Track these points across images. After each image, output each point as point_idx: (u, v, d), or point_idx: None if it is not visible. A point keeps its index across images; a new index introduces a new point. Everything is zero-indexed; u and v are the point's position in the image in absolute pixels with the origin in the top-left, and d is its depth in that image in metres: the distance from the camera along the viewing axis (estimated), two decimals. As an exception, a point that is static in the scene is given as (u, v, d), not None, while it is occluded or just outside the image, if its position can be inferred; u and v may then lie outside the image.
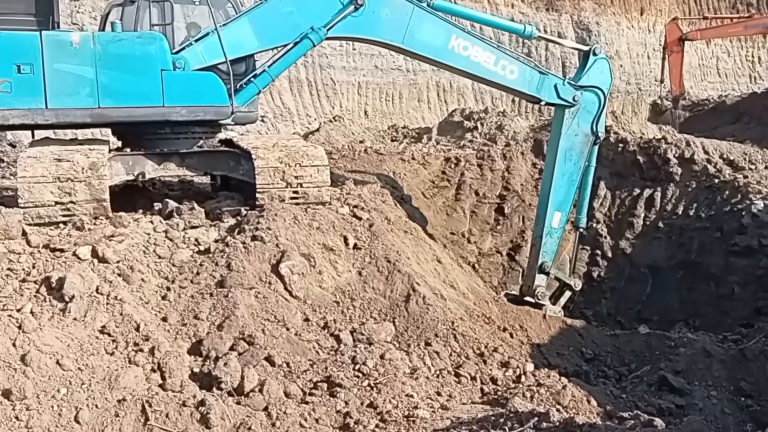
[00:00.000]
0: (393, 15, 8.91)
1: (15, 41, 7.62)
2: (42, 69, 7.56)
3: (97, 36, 7.97)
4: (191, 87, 8.22)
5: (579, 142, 10.02)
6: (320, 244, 7.61)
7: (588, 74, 9.88)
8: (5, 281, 6.35)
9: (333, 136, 16.75)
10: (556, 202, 10.13)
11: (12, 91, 7.49)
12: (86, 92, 7.75)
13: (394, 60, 28.49)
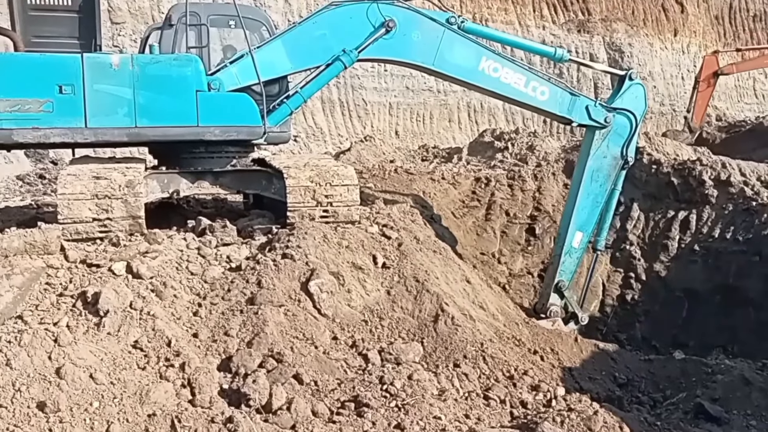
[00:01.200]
0: (424, 37, 9.05)
1: (58, 63, 7.89)
2: (83, 90, 7.82)
3: (136, 58, 8.21)
4: (225, 108, 8.40)
5: (607, 164, 10.01)
6: (349, 262, 7.65)
7: (622, 98, 9.91)
8: (43, 295, 6.50)
9: (364, 156, 16.87)
10: (578, 221, 10.14)
11: (54, 110, 7.74)
12: (124, 112, 7.97)
13: (425, 81, 28.65)
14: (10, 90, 7.62)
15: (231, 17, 8.94)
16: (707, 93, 25.17)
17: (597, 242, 10.50)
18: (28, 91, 7.69)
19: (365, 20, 8.83)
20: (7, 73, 7.66)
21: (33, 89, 7.70)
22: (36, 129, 7.72)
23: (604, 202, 10.19)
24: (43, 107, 7.70)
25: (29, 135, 7.75)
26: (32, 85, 7.71)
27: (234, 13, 8.79)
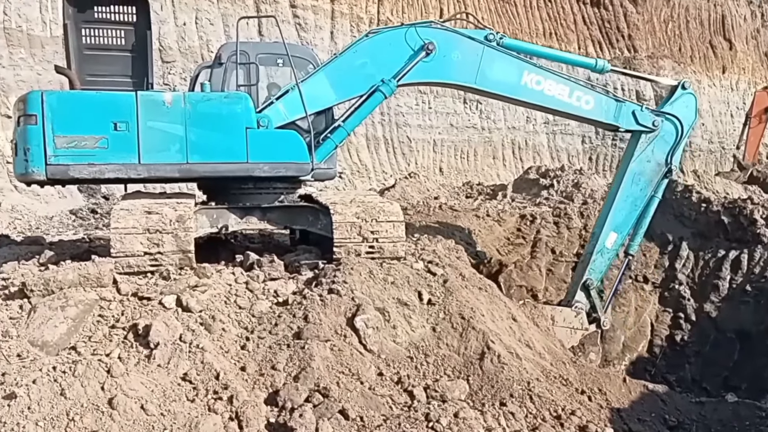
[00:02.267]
0: (464, 57, 9.19)
1: (113, 101, 8.16)
2: (137, 126, 8.04)
3: (188, 96, 8.43)
4: (274, 144, 8.56)
5: (650, 169, 10.08)
6: (395, 298, 7.66)
7: (672, 105, 10.06)
8: (96, 327, 6.65)
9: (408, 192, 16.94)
10: (614, 222, 10.17)
11: (108, 147, 7.97)
12: (176, 148, 8.17)
13: (469, 118, 28.80)
14: (67, 127, 7.88)
15: (279, 56, 9.17)
16: (759, 129, 24.67)
17: (630, 246, 10.47)
18: (84, 127, 7.93)
19: (404, 45, 9.00)
20: (65, 111, 7.93)
21: (89, 126, 7.95)
22: (91, 165, 7.95)
23: (642, 207, 10.17)
24: (99, 143, 7.94)
25: (85, 171, 7.99)
26: (88, 122, 7.97)
27: (282, 52, 9.01)
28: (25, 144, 7.87)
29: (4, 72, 17.74)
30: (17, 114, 8.17)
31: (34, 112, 7.80)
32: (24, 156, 7.88)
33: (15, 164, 8.40)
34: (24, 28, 18.17)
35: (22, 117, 7.96)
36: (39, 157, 7.82)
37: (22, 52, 18.06)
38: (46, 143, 7.81)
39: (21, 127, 7.99)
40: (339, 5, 24.99)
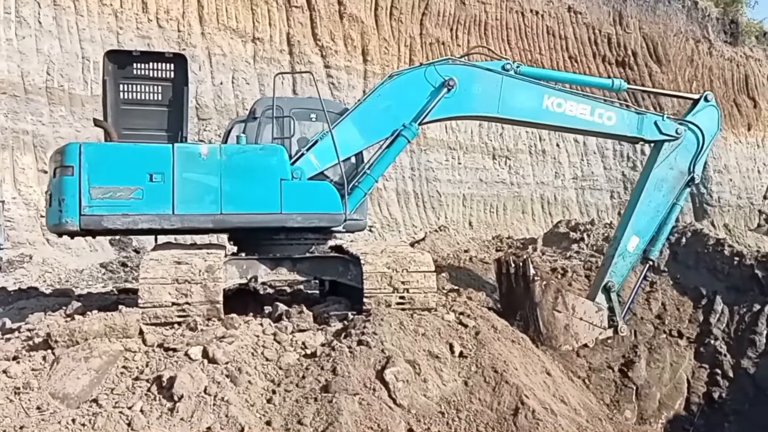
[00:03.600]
0: (484, 89, 9.38)
1: (150, 152, 8.26)
2: (172, 178, 8.09)
3: (224, 148, 8.52)
4: (308, 195, 8.60)
5: (673, 176, 10.30)
6: (426, 350, 7.43)
7: (695, 115, 10.31)
8: (119, 379, 6.52)
9: (438, 246, 16.77)
10: (636, 226, 10.33)
11: (143, 197, 8.01)
12: (210, 199, 8.19)
13: (498, 173, 28.78)
14: (103, 178, 7.95)
15: (312, 110, 9.27)
16: None
17: (650, 252, 10.54)
18: (120, 178, 8.00)
19: (426, 84, 9.15)
20: (102, 162, 8.02)
21: (125, 177, 8.02)
22: (125, 215, 7.98)
23: (664, 213, 10.34)
24: (134, 194, 7.99)
25: (118, 221, 8.01)
26: (124, 173, 8.04)
27: (314, 107, 9.17)
28: (60, 195, 7.93)
29: (44, 129, 18.21)
30: (54, 166, 8.27)
31: (71, 163, 7.89)
32: (58, 207, 7.94)
33: (48, 215, 8.46)
34: (66, 87, 18.73)
35: (58, 168, 8.05)
36: (73, 207, 7.86)
37: (62, 110, 18.57)
38: (81, 194, 7.87)
39: (57, 179, 8.07)
40: (371, 65, 25.43)
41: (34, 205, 17.40)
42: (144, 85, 9.24)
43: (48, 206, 8.42)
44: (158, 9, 20.78)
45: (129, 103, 9.16)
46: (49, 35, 18.62)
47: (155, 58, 9.42)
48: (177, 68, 9.23)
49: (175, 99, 9.27)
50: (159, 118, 9.25)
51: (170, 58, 9.36)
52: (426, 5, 27.57)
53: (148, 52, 10.52)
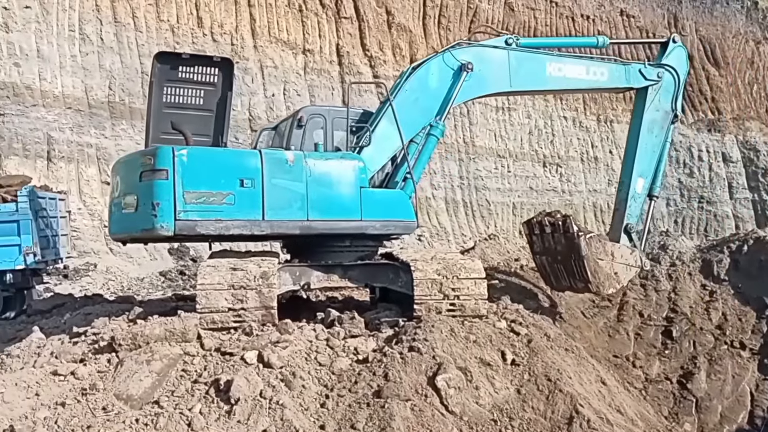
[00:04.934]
0: (496, 66, 9.85)
1: (240, 157, 8.39)
2: (261, 184, 8.15)
3: (308, 155, 8.62)
4: (384, 203, 8.83)
5: (660, 117, 11.24)
6: (477, 358, 7.42)
7: (668, 57, 11.21)
8: (179, 381, 6.72)
9: (488, 254, 16.70)
10: (640, 169, 11.24)
11: (235, 203, 8.05)
12: (297, 206, 8.32)
13: (549, 181, 28.49)
14: (196, 182, 7.91)
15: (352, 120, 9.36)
16: None
17: (653, 189, 11.53)
18: (212, 183, 8.00)
19: (446, 69, 9.50)
20: (195, 167, 7.95)
21: (217, 182, 8.02)
22: (218, 221, 7.98)
23: (659, 152, 11.32)
24: (226, 200, 8.01)
25: (212, 227, 8.00)
26: (217, 178, 8.04)
27: (353, 117, 9.30)
28: (153, 198, 7.81)
29: (107, 142, 18.89)
30: (142, 168, 8.10)
31: (164, 167, 7.81)
32: (152, 211, 7.80)
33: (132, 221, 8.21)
34: (126, 101, 19.41)
35: (147, 172, 7.96)
36: (169, 212, 7.78)
37: (123, 124, 19.25)
38: (176, 198, 7.79)
39: (146, 182, 7.95)
40: (419, 73, 25.53)
41: (98, 215, 18.05)
42: (187, 88, 9.27)
43: (112, 214, 8.48)
44: (212, 23, 21.34)
45: (171, 107, 9.22)
46: (111, 51, 19.34)
47: (203, 62, 9.46)
48: (222, 73, 9.30)
49: (218, 104, 9.34)
50: (199, 123, 9.29)
51: (217, 63, 9.44)
52: (474, 13, 27.57)
53: (197, 56, 10.51)
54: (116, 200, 8.52)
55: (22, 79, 17.74)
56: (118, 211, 8.38)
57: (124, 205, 8.20)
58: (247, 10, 21.27)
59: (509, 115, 28.11)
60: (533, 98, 28.81)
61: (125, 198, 8.21)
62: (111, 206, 8.87)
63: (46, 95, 18.02)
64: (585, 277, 10.59)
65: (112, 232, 8.98)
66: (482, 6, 27.70)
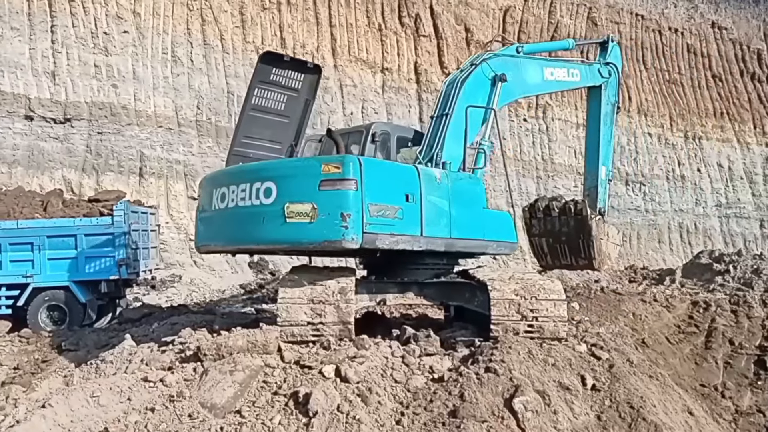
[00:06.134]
0: (518, 74, 10.10)
1: (404, 172, 8.29)
2: (420, 199, 8.17)
3: (449, 174, 8.74)
4: (497, 223, 9.08)
5: (610, 110, 12.19)
6: (556, 381, 7.29)
7: (610, 56, 12.03)
8: (260, 392, 6.92)
9: (567, 275, 16.38)
10: (603, 159, 12.07)
11: (403, 218, 8.01)
12: (444, 223, 8.41)
13: (632, 200, 27.72)
14: (377, 195, 7.76)
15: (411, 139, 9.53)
16: None
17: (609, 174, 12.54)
18: (388, 197, 7.88)
19: (486, 81, 9.61)
20: (376, 179, 7.78)
21: (391, 195, 7.93)
22: (392, 235, 7.89)
23: (612, 141, 12.40)
24: (397, 214, 7.96)
25: (387, 240, 7.81)
26: (391, 192, 7.95)
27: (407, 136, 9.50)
28: (342, 209, 7.50)
29: (194, 159, 19.68)
30: (323, 177, 7.68)
31: (354, 176, 7.56)
32: (341, 222, 7.48)
33: (288, 231, 7.77)
34: (213, 120, 20.20)
35: (330, 180, 7.63)
36: (358, 224, 7.52)
37: (209, 141, 20.02)
38: (363, 210, 7.59)
39: (329, 191, 7.60)
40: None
41: (184, 229, 18.81)
42: (274, 92, 9.30)
43: (310, 220, 7.63)
44: (295, 44, 21.96)
45: (256, 109, 9.31)
46: (200, 72, 20.18)
47: (296, 66, 9.44)
48: (308, 80, 9.35)
49: (297, 111, 9.38)
50: (276, 129, 9.33)
51: (309, 69, 9.50)
52: (555, 28, 27.27)
53: (294, 59, 10.04)
54: (263, 207, 7.94)
55: (119, 100, 18.74)
56: (277, 219, 7.78)
57: (288, 214, 7.70)
58: (329, 30, 21.79)
59: (590, 133, 27.56)
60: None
61: (289, 206, 7.71)
62: (242, 213, 8.15)
63: (139, 114, 18.96)
64: (590, 254, 11.67)
65: (254, 239, 8.20)
66: (564, 21, 27.37)
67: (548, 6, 27.14)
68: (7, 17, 17.84)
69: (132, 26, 19.22)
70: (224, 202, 8.33)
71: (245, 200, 8.07)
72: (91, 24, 18.68)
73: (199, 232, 9.28)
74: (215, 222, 8.66)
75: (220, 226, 8.55)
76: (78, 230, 12.99)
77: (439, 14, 24.52)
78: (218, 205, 8.44)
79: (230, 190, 8.25)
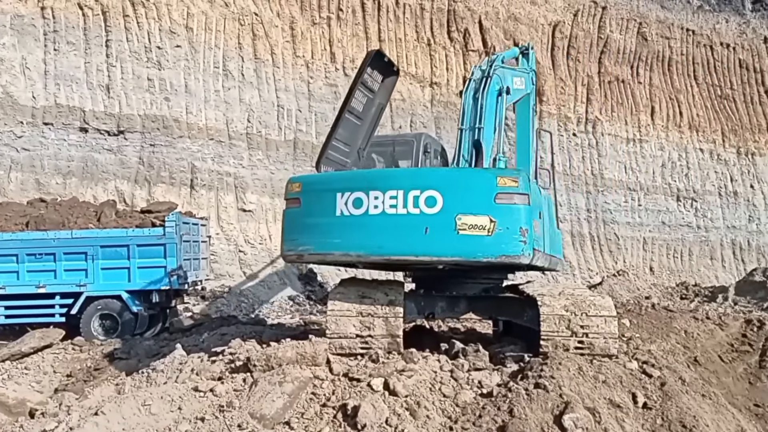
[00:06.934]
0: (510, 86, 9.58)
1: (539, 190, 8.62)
2: (546, 217, 8.52)
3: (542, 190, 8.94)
4: (557, 240, 9.20)
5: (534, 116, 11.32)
6: (606, 399, 7.18)
7: (531, 62, 11.06)
8: (309, 404, 6.98)
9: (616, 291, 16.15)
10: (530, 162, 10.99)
11: (543, 235, 8.26)
12: (548, 238, 8.65)
13: (683, 216, 27.18)
14: (535, 211, 8.01)
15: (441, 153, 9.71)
16: None
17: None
18: (537, 213, 8.21)
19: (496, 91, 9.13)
20: (534, 195, 8.08)
21: (536, 213, 8.13)
22: (536, 251, 7.94)
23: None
24: (538, 230, 8.16)
25: (540, 258, 8.09)
26: (538, 208, 8.26)
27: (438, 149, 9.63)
28: (521, 224, 7.50)
29: (244, 171, 20.04)
30: (499, 189, 7.62)
31: (527, 191, 7.63)
32: (520, 237, 7.50)
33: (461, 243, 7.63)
34: (263, 133, 20.55)
35: (509, 194, 7.60)
36: (531, 239, 7.65)
37: (259, 154, 20.37)
38: (533, 226, 7.76)
39: (507, 205, 7.57)
40: (547, 106, 25.30)
41: (233, 240, 19.14)
42: (362, 93, 9.17)
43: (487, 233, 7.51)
44: (344, 58, 22.20)
45: (349, 112, 9.07)
46: (250, 86, 20.57)
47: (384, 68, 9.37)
48: (385, 83, 9.24)
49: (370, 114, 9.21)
50: (351, 130, 9.16)
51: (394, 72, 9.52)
52: (605, 43, 26.99)
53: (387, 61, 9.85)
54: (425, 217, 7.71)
55: (171, 113, 19.20)
56: (445, 230, 7.59)
57: (461, 226, 7.53)
58: (378, 44, 21.98)
59: (641, 147, 27.14)
60: (667, 129, 27.75)
61: (462, 218, 7.53)
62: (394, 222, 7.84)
63: (191, 127, 19.40)
64: None
65: (411, 250, 7.86)
66: (614, 36, 27.06)
67: (598, 21, 26.88)
68: (63, 32, 18.48)
69: (184, 41, 19.71)
70: (361, 208, 7.85)
71: (397, 208, 7.71)
72: (145, 38, 19.22)
73: (298, 239, 8.32)
74: (339, 229, 8.01)
75: (352, 234, 7.93)
76: (131, 240, 13.32)
77: (488, 29, 24.52)
78: (349, 211, 7.89)
79: (371, 196, 7.79)
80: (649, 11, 28.09)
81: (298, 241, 8.31)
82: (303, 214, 8.27)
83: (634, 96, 27.43)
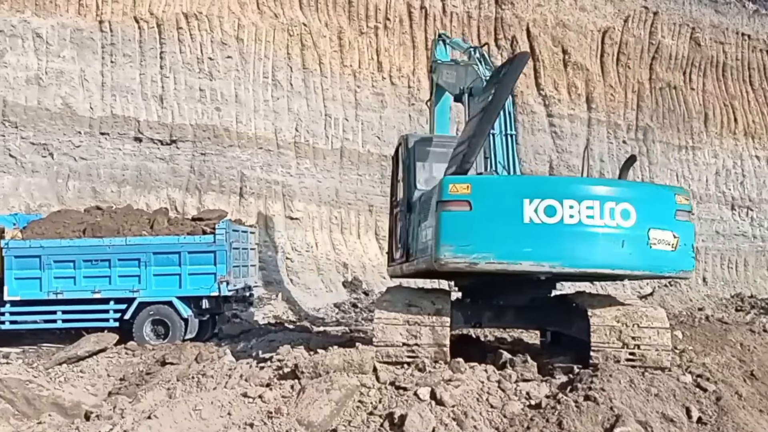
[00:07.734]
0: None
1: None
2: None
3: None
4: None
5: None
6: (659, 412, 7.01)
7: None
8: (356, 412, 7.01)
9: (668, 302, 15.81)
10: None
11: None
12: None
13: (738, 225, 26.44)
14: None
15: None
16: None
17: None
18: None
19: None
20: None
21: None
22: None
23: None
24: None
25: None
26: None
27: None
28: (692, 241, 7.85)
29: (292, 180, 20.30)
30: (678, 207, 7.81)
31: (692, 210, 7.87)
32: (693, 253, 7.89)
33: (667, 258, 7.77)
34: (311, 142, 20.80)
35: (686, 212, 7.86)
36: None
37: (307, 163, 20.61)
38: None
39: (686, 222, 7.86)
40: (596, 113, 24.92)
41: (281, 248, 19.38)
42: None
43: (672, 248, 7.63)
44: (391, 67, 22.31)
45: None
46: (298, 96, 20.84)
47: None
48: (511, 70, 8.88)
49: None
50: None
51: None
52: (656, 49, 26.47)
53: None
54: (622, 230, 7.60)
55: (222, 122, 19.59)
56: (638, 244, 7.59)
57: (653, 240, 7.57)
58: (425, 53, 22.02)
59: (693, 155, 26.50)
60: (721, 137, 27.06)
61: (653, 232, 7.57)
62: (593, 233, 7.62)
63: (241, 137, 19.75)
64: None
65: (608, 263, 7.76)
66: (665, 41, 26.51)
67: (649, 27, 26.38)
68: (120, 44, 19.07)
69: (235, 52, 20.09)
70: (554, 217, 7.49)
71: (595, 219, 7.51)
72: (197, 50, 19.67)
73: (472, 245, 7.64)
74: (529, 237, 7.58)
75: (545, 244, 7.57)
76: (182, 248, 13.60)
77: (536, 36, 24.31)
78: (540, 219, 7.50)
79: (566, 205, 7.49)
80: (702, 16, 27.45)
81: (471, 248, 7.59)
82: (477, 219, 7.58)
83: (687, 102, 26.82)
